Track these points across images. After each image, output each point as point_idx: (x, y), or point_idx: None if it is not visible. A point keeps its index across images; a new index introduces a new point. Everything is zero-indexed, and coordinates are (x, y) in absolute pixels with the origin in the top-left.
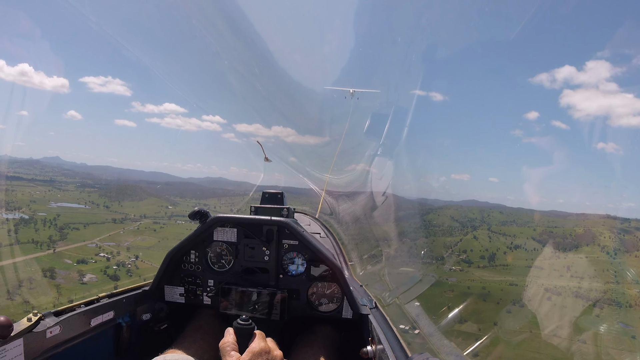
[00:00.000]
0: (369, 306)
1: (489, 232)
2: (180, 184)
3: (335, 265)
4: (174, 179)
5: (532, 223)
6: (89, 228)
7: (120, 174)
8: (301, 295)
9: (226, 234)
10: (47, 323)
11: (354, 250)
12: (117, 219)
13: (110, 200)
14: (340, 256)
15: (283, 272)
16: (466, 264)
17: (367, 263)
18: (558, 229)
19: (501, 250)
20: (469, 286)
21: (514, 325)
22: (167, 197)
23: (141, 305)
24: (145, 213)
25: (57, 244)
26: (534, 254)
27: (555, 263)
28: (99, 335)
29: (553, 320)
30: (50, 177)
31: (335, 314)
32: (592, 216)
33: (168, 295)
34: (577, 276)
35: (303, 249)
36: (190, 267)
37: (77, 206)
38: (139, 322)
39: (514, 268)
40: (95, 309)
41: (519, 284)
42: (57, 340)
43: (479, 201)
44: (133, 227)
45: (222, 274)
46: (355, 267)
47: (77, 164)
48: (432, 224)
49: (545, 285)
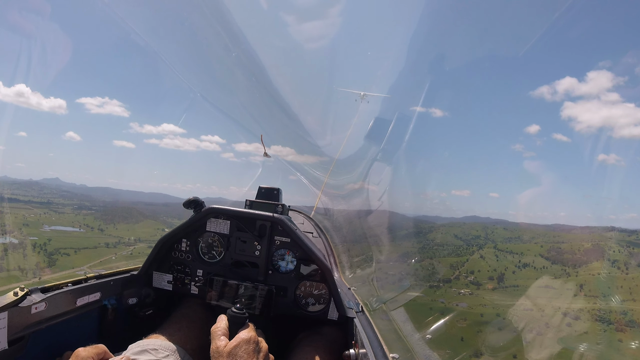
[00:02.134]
0: (355, 309)
1: (496, 250)
2: (179, 205)
3: (325, 265)
4: (173, 200)
5: (538, 239)
6: (80, 253)
7: (119, 195)
8: (288, 293)
9: (219, 226)
10: (33, 299)
11: (345, 252)
12: (111, 243)
13: (106, 223)
14: (330, 257)
15: (272, 268)
16: (475, 285)
17: (357, 267)
18: (565, 244)
19: (510, 269)
20: (482, 313)
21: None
22: (164, 219)
23: (128, 289)
24: (140, 236)
25: (44, 272)
26: (543, 272)
27: (567, 282)
28: (83, 315)
29: (579, 352)
30: (48, 198)
31: (321, 314)
32: (597, 229)
33: (156, 282)
34: (591, 295)
35: (294, 247)
36: (180, 255)
37: (72, 230)
38: (125, 305)
39: (525, 289)
40: (82, 288)
41: (533, 308)
42: (41, 317)
43: (480, 217)
44: (126, 252)
45: (211, 264)
46: (344, 270)
47: (76, 185)
48: (435, 243)
49: (561, 308)
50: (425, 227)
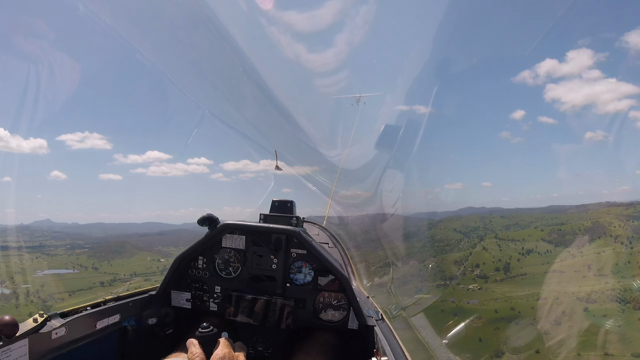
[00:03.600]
0: (375, 317)
1: (497, 240)
2: (174, 232)
3: (342, 275)
4: (168, 227)
5: (536, 223)
6: (75, 296)
7: (112, 230)
8: (307, 304)
9: (235, 241)
10: (53, 324)
11: (361, 261)
12: (106, 281)
13: (99, 261)
14: (347, 266)
15: (290, 281)
16: (482, 279)
17: (375, 275)
18: (565, 225)
19: (514, 257)
20: (496, 309)
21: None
22: (159, 248)
23: (147, 310)
24: (135, 270)
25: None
26: (548, 256)
27: (574, 264)
28: (104, 337)
29: (602, 336)
30: (39, 242)
31: (341, 324)
32: (593, 206)
33: (174, 300)
34: (601, 274)
35: (311, 259)
36: (197, 272)
37: (65, 272)
38: (145, 326)
39: (533, 276)
40: (101, 311)
41: (547, 296)
42: (62, 342)
43: (475, 208)
44: (123, 289)
45: (229, 280)
46: (362, 278)
47: (68, 224)
48: (436, 240)
49: (575, 293)
50: (423, 225)
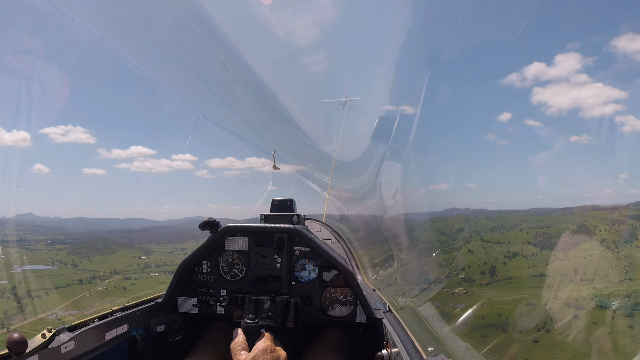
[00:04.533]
0: (382, 310)
1: (483, 242)
2: (156, 228)
3: (347, 270)
4: (151, 224)
5: (522, 225)
6: (53, 294)
7: (95, 225)
8: (314, 301)
9: (237, 243)
10: (61, 339)
11: (365, 254)
12: (85, 278)
13: (80, 257)
14: (352, 261)
15: (295, 279)
16: (468, 283)
17: (380, 267)
18: (551, 228)
19: (500, 260)
20: (483, 315)
21: None
22: (141, 245)
23: (155, 317)
24: (116, 268)
25: (13, 320)
26: (534, 259)
27: (561, 268)
28: (113, 348)
29: (593, 345)
30: (21, 236)
31: (349, 318)
32: (577, 209)
33: (181, 307)
34: (587, 279)
35: (314, 255)
36: (202, 277)
37: (44, 268)
38: (153, 334)
39: (520, 280)
40: (109, 322)
41: (534, 301)
42: (72, 355)
43: (460, 209)
44: (101, 288)
45: (234, 283)
46: (367, 272)
47: (50, 218)
48: (420, 241)
49: (564, 299)
50: (407, 226)
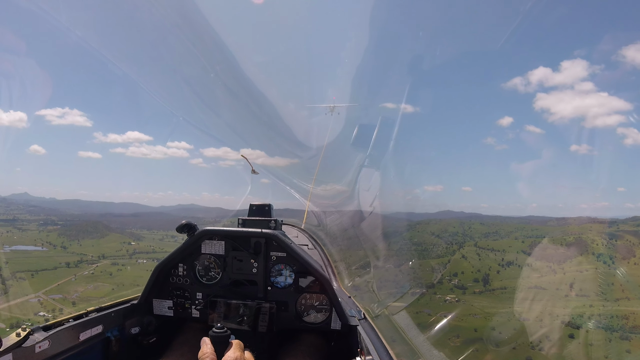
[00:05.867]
0: (357, 317)
1: (477, 248)
2: (150, 214)
3: (323, 276)
4: (144, 209)
5: (516, 233)
6: (38, 276)
7: (89, 208)
8: (289, 307)
9: (214, 247)
10: (36, 338)
11: (341, 261)
12: (72, 262)
13: (69, 240)
14: (328, 267)
15: (271, 284)
16: (460, 290)
17: (356, 274)
18: (547, 239)
19: (493, 269)
20: (476, 328)
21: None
22: (132, 231)
23: (130, 319)
24: (104, 253)
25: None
26: (528, 270)
27: (556, 280)
28: (87, 349)
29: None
30: (14, 215)
31: (324, 325)
32: (573, 220)
33: (157, 309)
34: (582, 295)
35: (291, 261)
36: (178, 280)
37: (33, 249)
38: (128, 335)
39: (514, 291)
40: (83, 323)
41: (529, 316)
42: (45, 355)
43: (454, 212)
44: (88, 272)
45: (210, 286)
46: (343, 278)
47: (46, 199)
48: (413, 243)
49: (559, 316)
50: (400, 226)
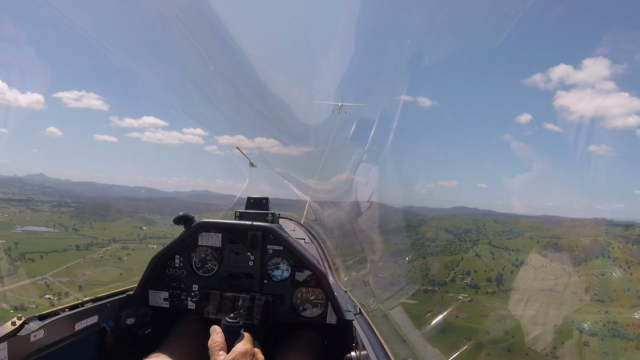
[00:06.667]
0: (353, 312)
1: (491, 247)
2: (163, 199)
3: (319, 270)
4: (158, 194)
5: (531, 232)
6: (47, 258)
7: (103, 191)
8: (285, 300)
9: (211, 239)
10: (31, 327)
11: (338, 255)
12: (82, 245)
13: (81, 222)
14: (324, 262)
15: (267, 278)
16: (472, 289)
17: (352, 269)
18: (562, 240)
19: (507, 269)
20: (488, 330)
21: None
22: (144, 215)
23: (125, 310)
24: (115, 236)
25: (2, 282)
26: (543, 271)
27: (571, 284)
28: (83, 339)
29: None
30: (28, 195)
31: (320, 319)
32: (589, 221)
33: (152, 300)
34: (598, 300)
35: (288, 255)
36: (174, 271)
37: (45, 230)
38: (123, 326)
39: (527, 293)
40: (79, 313)
41: (543, 321)
42: (41, 344)
43: (468, 208)
44: (97, 255)
45: (206, 279)
46: (339, 273)
47: (61, 180)
48: (426, 238)
49: (574, 322)
50: (414, 220)
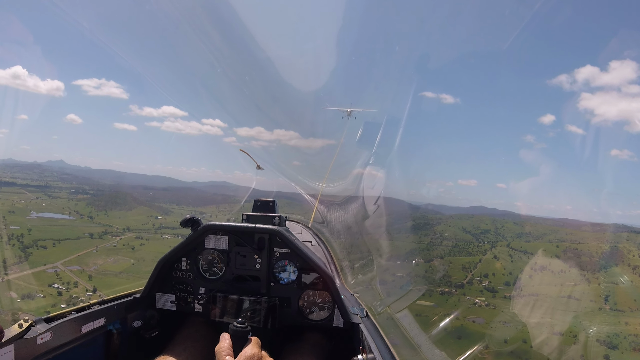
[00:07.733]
0: (360, 315)
1: (509, 249)
2: (181, 189)
3: (326, 273)
4: (176, 184)
5: (550, 235)
6: (60, 245)
7: (122, 179)
8: (292, 303)
9: (218, 242)
10: (38, 329)
11: (345, 258)
12: (96, 233)
13: (97, 210)
14: (331, 264)
15: (274, 280)
16: (490, 292)
17: (359, 272)
18: (582, 245)
19: (526, 273)
20: (506, 339)
21: None
22: (160, 205)
23: (132, 312)
24: (130, 225)
25: (12, 269)
26: (563, 277)
27: (590, 292)
28: (89, 341)
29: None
30: (47, 182)
31: (326, 322)
32: (609, 227)
33: (159, 303)
34: (617, 309)
35: (294, 257)
36: (181, 274)
37: (60, 217)
38: (130, 329)
39: (546, 299)
40: (86, 315)
41: (563, 331)
42: (47, 347)
43: (487, 208)
44: (110, 244)
45: (213, 281)
46: (346, 276)
47: (81, 167)
48: (443, 237)
49: (595, 334)
50: (432, 219)
